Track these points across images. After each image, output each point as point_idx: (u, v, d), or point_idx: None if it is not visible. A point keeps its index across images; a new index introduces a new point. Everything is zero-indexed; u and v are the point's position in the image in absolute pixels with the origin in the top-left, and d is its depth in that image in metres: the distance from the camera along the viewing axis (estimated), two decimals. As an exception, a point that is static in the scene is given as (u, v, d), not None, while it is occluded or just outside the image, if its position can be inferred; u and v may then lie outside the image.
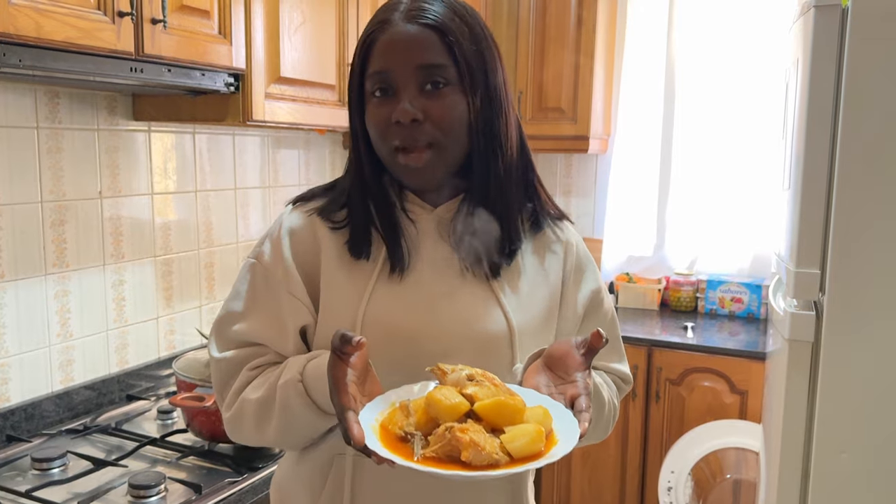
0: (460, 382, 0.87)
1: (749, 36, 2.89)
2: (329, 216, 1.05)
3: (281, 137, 2.44)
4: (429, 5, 0.98)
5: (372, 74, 0.98)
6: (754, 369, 2.53)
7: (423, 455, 0.81)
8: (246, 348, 1.03)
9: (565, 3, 2.95)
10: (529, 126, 3.03)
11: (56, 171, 1.76)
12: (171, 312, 2.11)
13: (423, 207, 1.06)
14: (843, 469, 1.57)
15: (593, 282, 1.14)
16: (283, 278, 1.02)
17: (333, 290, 1.02)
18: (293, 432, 0.99)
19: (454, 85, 0.97)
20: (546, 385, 0.94)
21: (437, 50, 0.96)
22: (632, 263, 3.24)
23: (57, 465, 1.55)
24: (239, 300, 1.04)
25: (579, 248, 1.14)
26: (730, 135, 2.98)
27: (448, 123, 0.97)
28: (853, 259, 1.53)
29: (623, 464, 2.77)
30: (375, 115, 0.98)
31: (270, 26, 1.79)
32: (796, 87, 1.66)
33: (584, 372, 0.92)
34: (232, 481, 1.50)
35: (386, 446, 0.81)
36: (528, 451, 0.81)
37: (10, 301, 1.69)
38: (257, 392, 0.98)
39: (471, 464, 0.79)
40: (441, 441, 0.81)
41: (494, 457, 0.80)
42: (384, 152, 1.00)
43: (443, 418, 0.83)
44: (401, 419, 0.86)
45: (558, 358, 0.95)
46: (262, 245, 1.06)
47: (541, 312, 1.07)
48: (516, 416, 0.84)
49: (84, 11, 1.34)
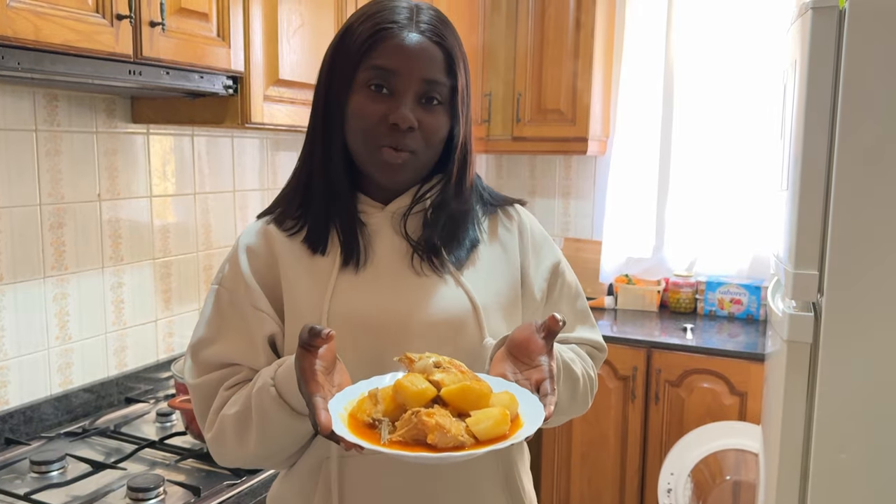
0: (427, 369, 0.89)
1: (747, 37, 2.90)
2: (282, 223, 1.08)
3: (279, 140, 2.45)
4: (435, 21, 1.03)
5: (374, 68, 0.99)
6: (753, 370, 2.53)
7: (390, 439, 0.83)
8: (219, 370, 1.05)
9: (564, 5, 2.95)
10: (528, 128, 3.04)
11: (55, 174, 1.76)
12: (169, 315, 2.11)
13: (374, 206, 1.08)
14: (843, 470, 1.57)
15: (552, 256, 1.17)
16: (244, 294, 1.05)
17: (295, 292, 1.04)
18: (272, 440, 0.99)
19: (445, 105, 1.03)
20: (512, 372, 0.95)
21: (441, 69, 1.01)
22: (631, 265, 3.24)
23: (56, 467, 1.55)
24: (207, 325, 1.07)
25: (533, 227, 1.17)
26: (728, 136, 2.99)
27: (434, 138, 1.03)
28: (851, 260, 1.53)
29: (622, 465, 2.77)
30: (367, 108, 1.00)
31: (269, 29, 1.79)
32: (794, 89, 1.66)
33: (546, 355, 0.94)
34: (231, 484, 1.50)
35: (354, 433, 0.83)
36: (493, 433, 0.83)
37: (9, 304, 1.69)
38: (234, 407, 1.00)
39: (436, 446, 0.81)
40: (408, 425, 0.82)
41: (460, 439, 0.81)
42: (364, 147, 1.02)
43: (410, 404, 0.85)
44: (369, 407, 0.87)
45: (520, 344, 0.96)
46: (222, 269, 1.09)
47: (504, 289, 1.09)
48: (482, 400, 0.86)
49: (83, 14, 1.34)
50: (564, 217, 3.41)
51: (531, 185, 3.44)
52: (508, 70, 3.05)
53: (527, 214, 1.18)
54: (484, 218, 1.13)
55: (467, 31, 2.83)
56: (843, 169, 1.52)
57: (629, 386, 2.71)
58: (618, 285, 3.18)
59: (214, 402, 1.03)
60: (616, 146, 3.18)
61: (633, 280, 3.20)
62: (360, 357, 0.99)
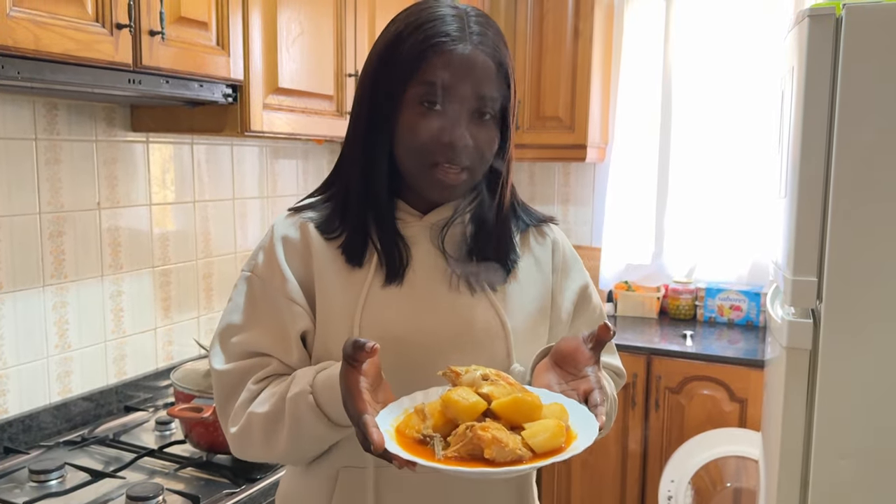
0: (475, 382, 0.88)
1: (745, 45, 2.91)
2: (323, 226, 1.05)
3: (279, 148, 2.45)
4: (488, 31, 0.99)
5: (426, 83, 0.96)
6: (753, 377, 2.53)
7: (445, 455, 0.81)
8: (248, 359, 1.02)
9: (562, 13, 2.96)
10: (527, 135, 3.04)
11: (54, 183, 1.76)
12: (169, 323, 2.11)
13: (412, 215, 1.06)
14: (843, 476, 1.57)
15: (581, 278, 1.16)
16: (280, 284, 1.02)
17: (328, 298, 1.02)
18: (302, 446, 0.99)
19: (495, 119, 1.01)
20: (557, 383, 0.94)
21: (496, 84, 0.98)
22: (630, 272, 3.25)
23: (55, 476, 1.55)
24: (238, 312, 1.04)
25: (565, 246, 1.16)
26: (727, 143, 2.99)
27: (487, 153, 1.01)
28: (850, 266, 1.53)
29: (623, 473, 2.77)
30: (422, 125, 0.97)
31: (268, 37, 1.80)
32: (792, 96, 1.67)
33: (594, 366, 0.93)
34: (230, 493, 1.49)
35: (405, 450, 0.81)
36: (550, 445, 0.82)
37: (9, 312, 1.69)
38: (264, 406, 0.98)
39: (494, 461, 0.79)
40: (462, 440, 0.81)
41: (518, 452, 0.80)
42: (417, 163, 0.99)
43: (461, 418, 0.83)
44: (417, 423, 0.86)
45: (567, 354, 0.95)
46: (255, 256, 1.07)
47: (534, 311, 1.08)
48: (534, 412, 0.84)
49: (82, 24, 1.35)
50: (563, 224, 3.41)
51: (530, 191, 3.45)
52: (507, 78, 3.05)
53: (560, 233, 1.17)
54: (517, 233, 1.10)
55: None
56: (841, 176, 1.52)
57: (629, 393, 2.71)
58: (617, 292, 3.18)
59: (242, 394, 1.01)
60: (615, 153, 3.18)
61: (633, 287, 3.20)
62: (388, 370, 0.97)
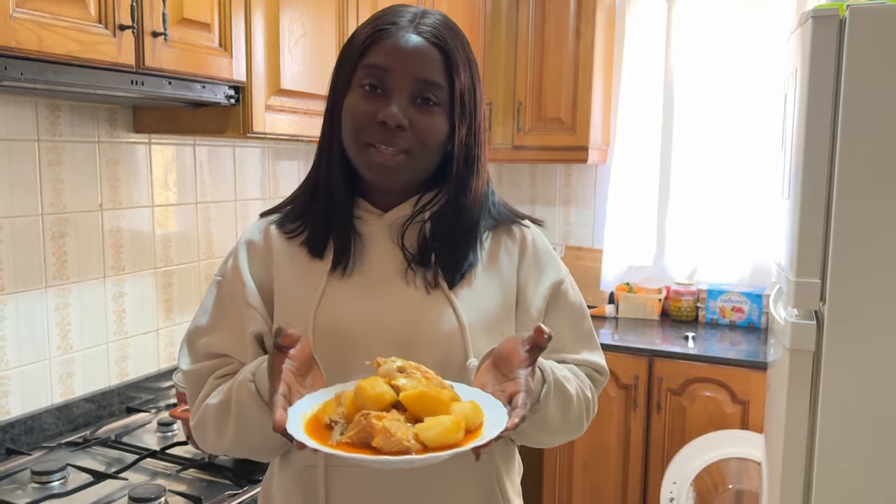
0: (390, 374, 0.89)
1: (747, 46, 2.90)
2: (284, 225, 1.10)
3: (281, 149, 2.45)
4: (439, 24, 1.02)
5: (369, 66, 0.99)
6: (755, 379, 2.52)
7: (339, 441, 0.83)
8: (212, 360, 1.07)
9: (564, 15, 2.96)
10: (528, 137, 3.04)
11: (56, 184, 1.76)
12: (171, 324, 2.11)
13: (372, 213, 1.08)
14: (846, 479, 1.57)
15: (553, 275, 1.13)
16: (240, 289, 1.07)
17: (286, 294, 1.06)
18: (248, 434, 1.00)
19: (443, 107, 1.01)
20: (492, 384, 0.94)
21: (438, 70, 1.00)
22: (632, 273, 3.24)
23: (57, 478, 1.54)
24: (205, 315, 1.10)
25: (536, 243, 1.13)
26: (729, 144, 2.99)
27: (429, 139, 1.01)
28: (853, 268, 1.53)
29: (625, 474, 2.76)
30: (359, 107, 1.00)
31: (271, 39, 1.80)
32: (795, 97, 1.67)
33: (526, 369, 0.91)
34: (232, 494, 1.49)
35: (312, 433, 0.83)
36: (443, 440, 0.82)
37: (11, 314, 1.69)
38: (217, 397, 1.02)
39: (381, 450, 0.80)
40: (357, 427, 0.82)
41: (405, 444, 0.80)
42: (355, 145, 1.01)
43: (368, 407, 0.85)
44: (332, 409, 0.88)
45: (504, 356, 0.94)
46: (226, 262, 1.12)
47: (494, 309, 1.07)
48: (440, 407, 0.85)
49: (85, 25, 1.35)
50: (565, 226, 3.41)
51: (532, 193, 3.45)
52: (509, 79, 3.06)
53: (534, 232, 1.14)
54: (486, 234, 1.09)
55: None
56: (845, 177, 1.52)
57: (631, 395, 2.70)
58: (619, 294, 3.18)
59: (203, 390, 1.06)
60: (616, 155, 3.18)
61: (635, 288, 3.20)
62: (342, 365, 0.99)
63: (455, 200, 1.06)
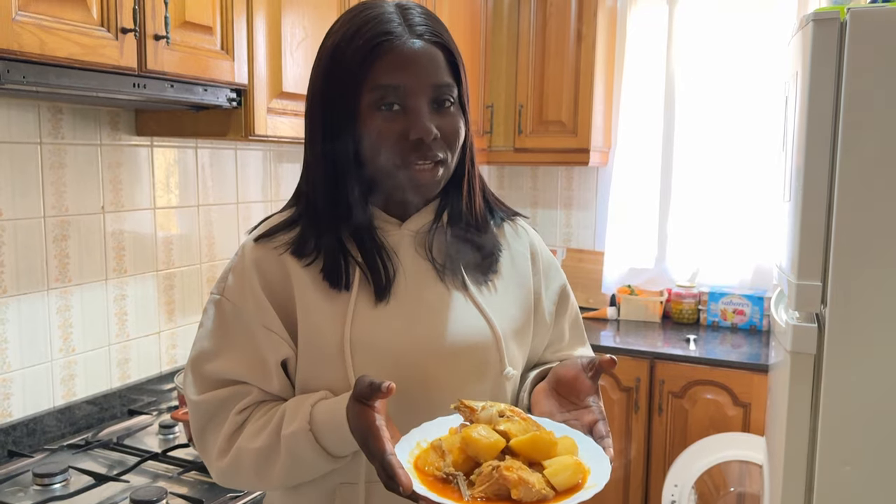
0: (493, 420, 0.88)
1: (748, 49, 2.91)
2: (298, 251, 1.00)
3: (283, 152, 2.45)
4: (427, 21, 0.97)
5: (380, 87, 0.94)
6: (757, 381, 2.52)
7: (472, 496, 0.82)
8: (226, 388, 0.99)
9: (565, 17, 2.96)
10: (530, 139, 3.05)
11: (59, 187, 1.77)
12: (173, 327, 2.11)
13: (390, 223, 1.03)
14: (847, 481, 1.57)
15: (559, 278, 1.16)
16: (255, 312, 0.99)
17: (313, 317, 0.98)
18: (298, 477, 0.97)
19: (457, 104, 0.98)
20: (559, 411, 0.93)
21: (445, 69, 0.97)
22: (633, 276, 3.24)
23: (58, 480, 1.55)
24: (209, 338, 1.01)
25: (542, 247, 1.16)
26: (730, 147, 2.99)
27: (456, 140, 0.98)
28: (854, 271, 1.53)
29: (626, 477, 2.76)
30: (384, 130, 0.94)
31: (272, 42, 1.80)
32: (796, 100, 1.67)
33: (595, 396, 0.92)
34: (233, 497, 1.49)
35: (428, 488, 0.82)
36: (571, 482, 0.83)
37: (13, 316, 1.70)
38: (256, 441, 0.95)
39: (521, 501, 0.80)
40: (488, 480, 0.82)
41: (543, 492, 0.81)
42: (391, 166, 0.96)
43: (481, 457, 0.84)
44: (436, 460, 0.86)
45: (567, 382, 0.94)
46: (225, 279, 1.02)
47: (519, 314, 1.07)
48: (551, 449, 0.86)
49: (88, 28, 1.35)
50: (566, 228, 3.41)
51: (533, 195, 3.45)
52: (510, 81, 3.06)
53: (534, 233, 1.16)
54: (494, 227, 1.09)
55: (469, 43, 2.84)
56: (846, 180, 1.52)
57: (632, 397, 2.70)
58: (620, 296, 3.18)
59: (226, 425, 0.97)
60: (618, 157, 3.18)
61: (636, 291, 3.19)
62: None
63: (468, 197, 1.04)
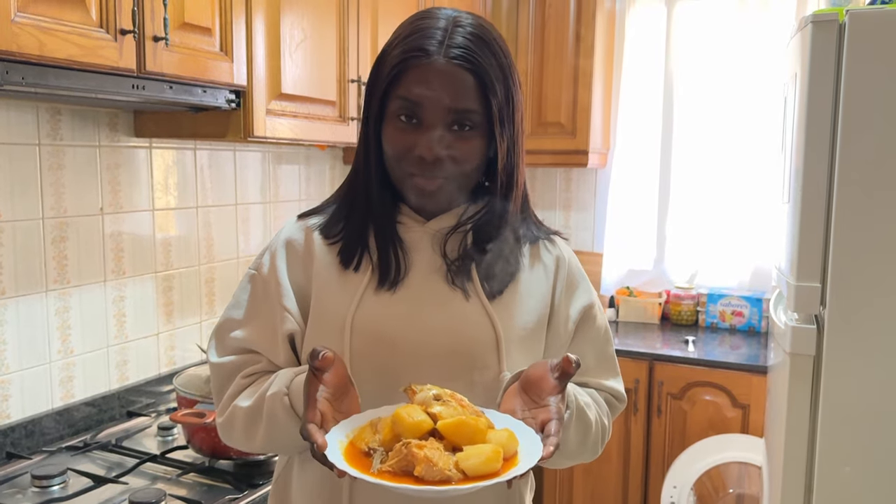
0: (426, 401, 0.90)
1: (746, 50, 2.91)
2: (326, 230, 1.09)
3: (282, 153, 2.45)
4: (469, 42, 0.97)
5: (401, 98, 0.98)
6: (756, 383, 2.52)
7: (380, 469, 0.84)
8: (242, 355, 1.07)
9: (564, 19, 2.97)
10: (529, 141, 3.03)
11: (57, 188, 1.77)
12: (171, 328, 2.11)
13: (415, 220, 1.07)
14: (847, 483, 1.57)
15: (585, 298, 1.14)
16: (275, 289, 1.06)
17: (324, 298, 1.05)
18: (278, 441, 1.02)
19: (480, 129, 1.00)
20: (521, 409, 0.94)
21: (471, 95, 0.97)
22: (632, 277, 3.24)
23: (57, 482, 1.54)
24: (239, 308, 1.09)
25: (571, 262, 1.15)
26: (729, 148, 2.99)
27: (467, 165, 1.01)
28: (853, 272, 1.53)
29: (625, 479, 2.76)
30: (396, 139, 1.00)
31: (271, 43, 1.80)
32: (795, 102, 1.67)
33: (557, 396, 0.92)
34: (233, 498, 1.49)
35: (351, 461, 0.84)
36: (483, 469, 0.83)
37: (11, 318, 1.69)
38: (247, 401, 1.02)
39: (422, 478, 0.81)
40: (398, 456, 0.83)
41: (447, 473, 0.81)
42: (397, 173, 1.02)
43: (406, 435, 0.86)
44: (368, 436, 0.89)
45: (533, 381, 0.95)
46: (262, 257, 1.11)
47: (529, 323, 1.07)
48: (477, 435, 0.86)
49: (86, 29, 1.35)
50: (565, 229, 3.41)
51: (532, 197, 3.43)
52: (509, 83, 3.06)
53: (567, 249, 1.17)
54: (525, 243, 1.11)
55: (468, 45, 2.84)
56: (845, 181, 1.52)
57: (631, 399, 2.70)
58: (619, 297, 3.18)
59: (231, 387, 1.06)
60: (616, 158, 3.19)
61: (635, 292, 3.20)
62: (376, 371, 1.00)
63: (499, 211, 1.06)
